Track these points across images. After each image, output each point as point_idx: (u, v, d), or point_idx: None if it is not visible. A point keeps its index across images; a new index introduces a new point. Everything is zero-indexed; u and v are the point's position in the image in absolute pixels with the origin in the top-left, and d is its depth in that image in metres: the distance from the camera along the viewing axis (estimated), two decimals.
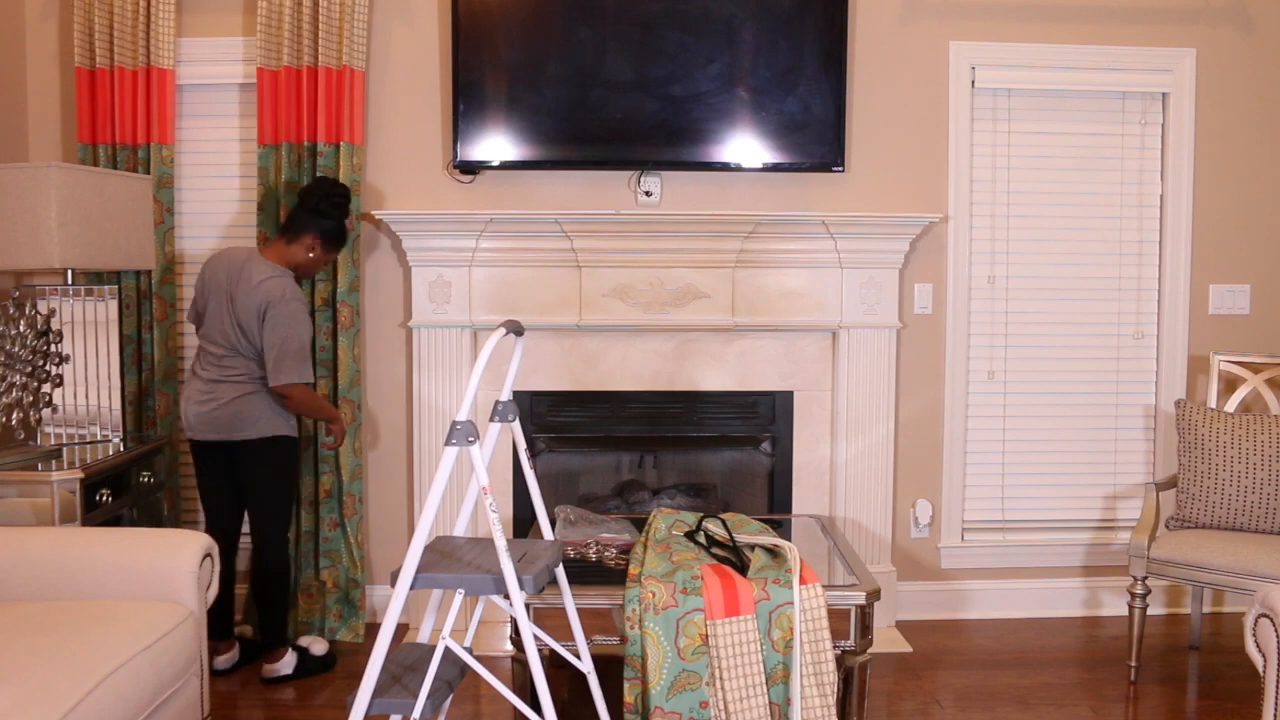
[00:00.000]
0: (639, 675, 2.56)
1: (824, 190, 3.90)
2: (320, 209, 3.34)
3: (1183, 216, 3.99)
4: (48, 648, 2.21)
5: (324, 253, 3.41)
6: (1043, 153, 4.00)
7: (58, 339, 3.22)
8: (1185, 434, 3.57)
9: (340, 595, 3.76)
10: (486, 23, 3.69)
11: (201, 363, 3.32)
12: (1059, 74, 3.92)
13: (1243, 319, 4.04)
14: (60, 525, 2.97)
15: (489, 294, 3.79)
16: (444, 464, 2.09)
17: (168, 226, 3.73)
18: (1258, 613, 2.43)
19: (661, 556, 2.78)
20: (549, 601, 2.65)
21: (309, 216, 3.34)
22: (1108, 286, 4.04)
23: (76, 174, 3.15)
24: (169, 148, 3.69)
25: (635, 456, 4.13)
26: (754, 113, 3.76)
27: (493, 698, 3.27)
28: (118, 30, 3.63)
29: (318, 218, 3.35)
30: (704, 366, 3.87)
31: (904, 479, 4.01)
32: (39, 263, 3.09)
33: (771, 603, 2.57)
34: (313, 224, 3.35)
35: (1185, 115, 3.96)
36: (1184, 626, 3.93)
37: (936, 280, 3.96)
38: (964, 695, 3.32)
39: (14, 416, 3.09)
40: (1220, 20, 3.95)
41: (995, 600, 4.06)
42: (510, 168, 3.76)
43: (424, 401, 3.80)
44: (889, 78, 3.90)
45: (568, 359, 3.85)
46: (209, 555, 2.69)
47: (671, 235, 3.74)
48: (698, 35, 3.71)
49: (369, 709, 2.15)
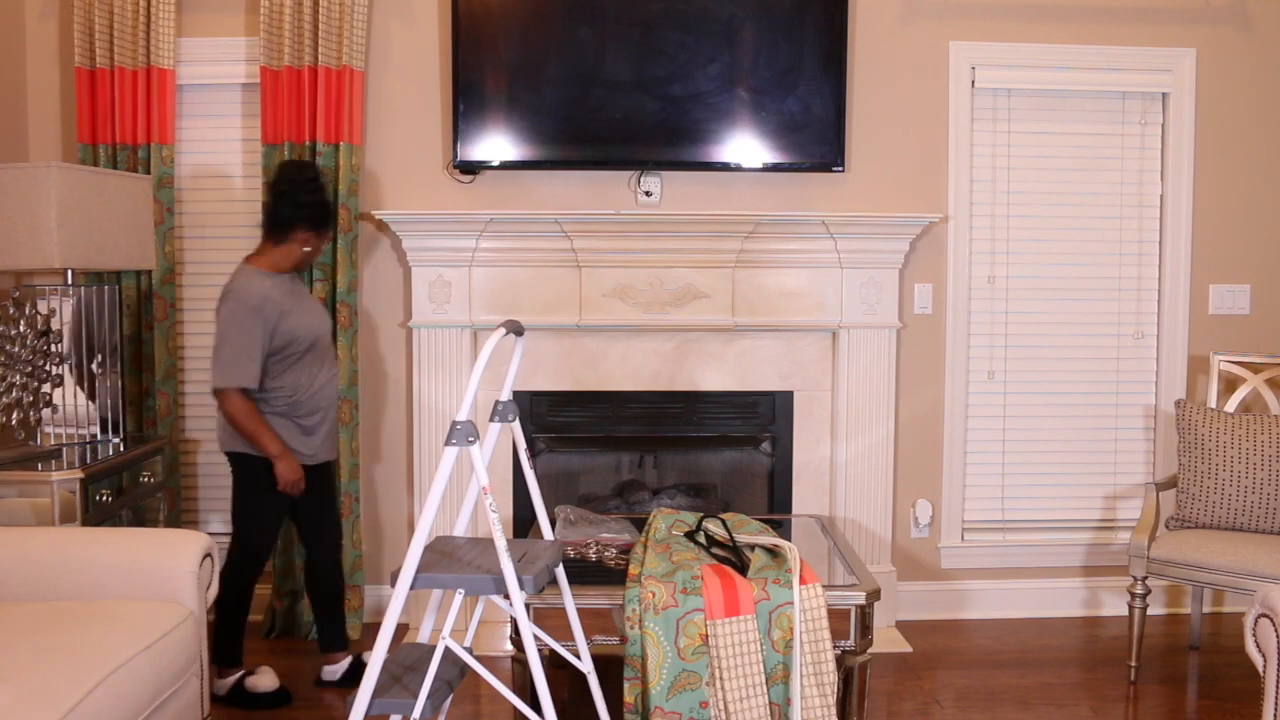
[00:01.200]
0: (639, 675, 2.56)
1: (824, 190, 3.90)
2: (299, 199, 3.15)
3: (1183, 216, 3.99)
4: (48, 648, 2.20)
5: (318, 239, 3.24)
6: (1043, 153, 4.00)
7: (58, 339, 3.22)
8: (1185, 434, 3.57)
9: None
10: (486, 23, 3.69)
11: None
12: (1059, 74, 3.92)
13: (1243, 319, 4.04)
14: (60, 525, 2.96)
15: (489, 294, 3.79)
16: (444, 464, 2.09)
17: (168, 226, 3.73)
18: (1258, 613, 2.43)
19: (661, 556, 2.78)
20: (549, 601, 2.65)
21: (290, 210, 3.15)
22: (1108, 286, 4.04)
23: (76, 174, 3.15)
24: (169, 148, 3.70)
25: (635, 456, 4.13)
26: (754, 113, 3.76)
27: (493, 698, 3.27)
28: (118, 30, 3.63)
29: (299, 208, 3.15)
30: (704, 366, 3.87)
31: (904, 479, 4.01)
32: (39, 263, 3.09)
33: (771, 603, 2.57)
34: (297, 214, 3.15)
35: (1185, 115, 3.96)
36: (1184, 626, 3.93)
37: (936, 280, 3.96)
38: (964, 695, 3.32)
39: (14, 416, 3.09)
40: (1220, 20, 3.95)
41: (995, 600, 4.06)
42: (510, 168, 3.76)
43: (424, 401, 3.80)
44: (889, 78, 3.90)
45: (568, 359, 3.85)
46: (209, 555, 2.69)
47: (671, 235, 3.74)
48: (698, 35, 3.71)
49: (369, 709, 2.15)
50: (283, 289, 3.15)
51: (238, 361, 3.03)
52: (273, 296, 3.09)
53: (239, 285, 3.09)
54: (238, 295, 3.06)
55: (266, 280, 3.12)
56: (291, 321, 3.11)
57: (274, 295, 3.10)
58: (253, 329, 3.04)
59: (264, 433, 3.09)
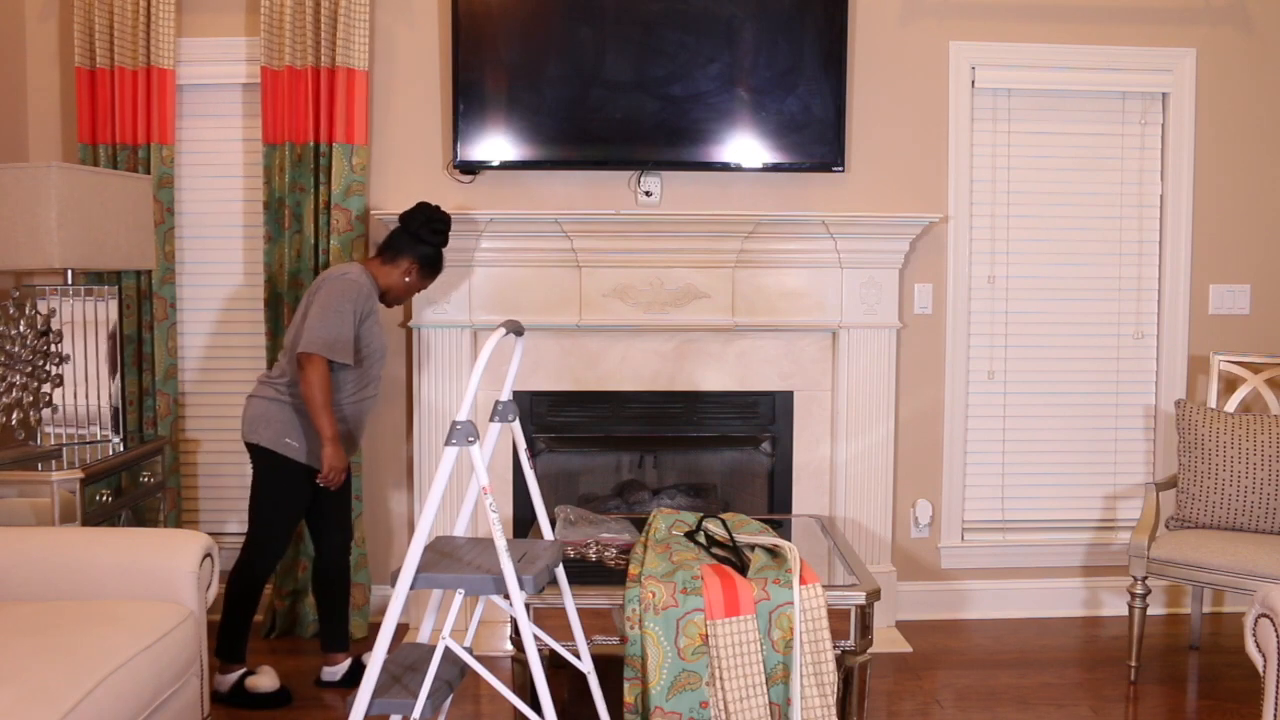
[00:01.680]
0: (639, 675, 2.56)
1: (824, 190, 3.90)
2: (421, 235, 3.27)
3: (1183, 216, 3.99)
4: (47, 648, 2.20)
5: (419, 279, 3.33)
6: (1043, 153, 4.00)
7: (58, 339, 3.22)
8: (1185, 434, 3.57)
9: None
10: (486, 23, 3.69)
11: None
12: (1059, 74, 3.92)
13: (1243, 319, 4.04)
14: (60, 525, 2.96)
15: (489, 294, 3.79)
16: (444, 464, 2.09)
17: (168, 226, 3.73)
18: (1258, 613, 2.43)
19: (661, 556, 2.78)
20: (549, 601, 2.64)
21: (409, 240, 3.27)
22: (1108, 286, 4.04)
23: (76, 174, 3.15)
24: (169, 148, 3.70)
25: (635, 456, 4.13)
26: (754, 113, 3.76)
27: (493, 698, 3.27)
28: (118, 30, 3.63)
29: (417, 243, 3.27)
30: (704, 366, 3.87)
31: (904, 479, 4.01)
32: (39, 263, 3.09)
33: (771, 603, 2.57)
34: (412, 249, 3.27)
35: (1185, 115, 3.96)
36: (1184, 626, 3.93)
37: (936, 280, 3.96)
38: (964, 695, 3.32)
39: (14, 416, 3.09)
40: (1220, 20, 3.95)
41: (995, 600, 4.06)
42: (510, 168, 3.76)
43: (424, 401, 3.80)
44: (889, 78, 3.90)
45: (568, 359, 3.85)
46: (209, 555, 2.69)
47: (671, 235, 3.74)
48: (698, 35, 3.71)
49: (369, 709, 2.15)
50: (374, 298, 3.24)
51: (337, 335, 3.07)
52: (372, 296, 3.21)
53: (352, 271, 3.18)
54: (350, 278, 3.15)
55: (370, 281, 3.23)
56: (368, 327, 3.19)
57: (372, 296, 3.22)
58: (350, 313, 3.12)
59: (328, 411, 3.08)
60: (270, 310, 3.74)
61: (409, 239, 3.28)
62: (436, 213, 3.32)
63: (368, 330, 3.19)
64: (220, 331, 3.92)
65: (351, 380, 3.20)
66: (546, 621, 2.66)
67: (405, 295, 3.37)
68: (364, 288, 3.17)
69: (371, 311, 3.20)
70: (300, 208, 3.71)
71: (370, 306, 3.19)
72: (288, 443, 3.15)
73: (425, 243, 3.29)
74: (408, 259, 3.28)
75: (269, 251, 3.72)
